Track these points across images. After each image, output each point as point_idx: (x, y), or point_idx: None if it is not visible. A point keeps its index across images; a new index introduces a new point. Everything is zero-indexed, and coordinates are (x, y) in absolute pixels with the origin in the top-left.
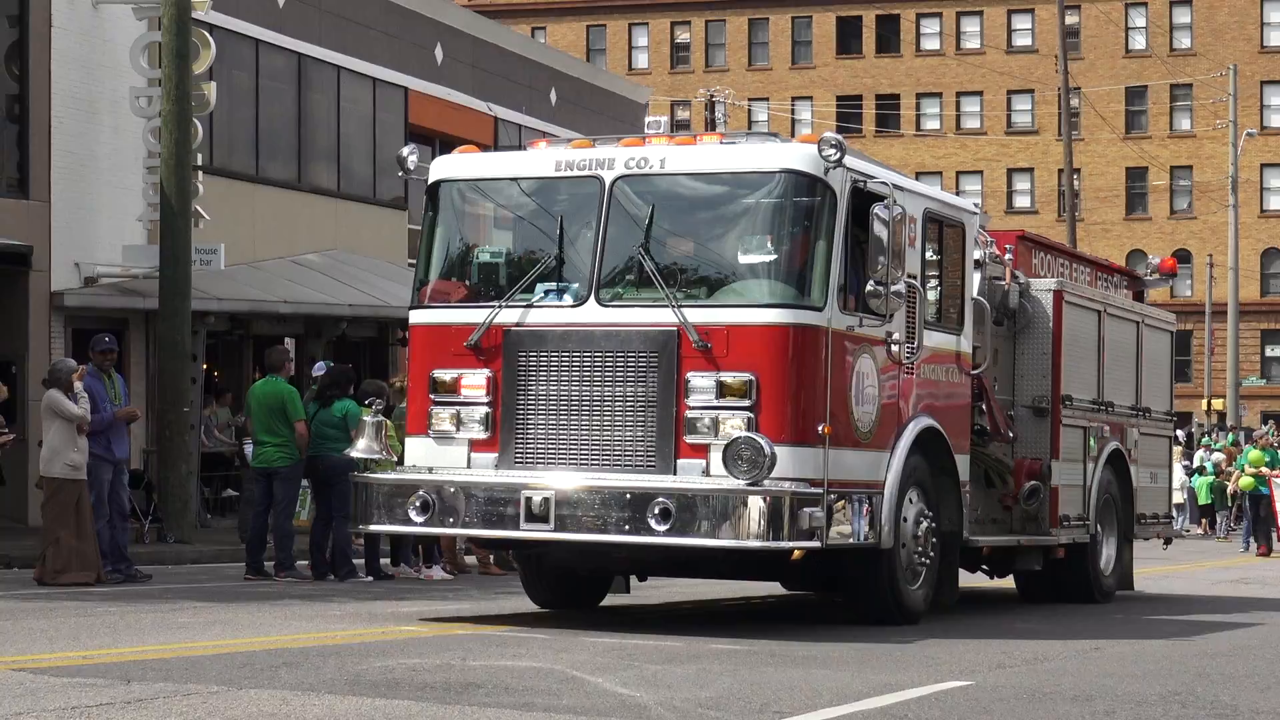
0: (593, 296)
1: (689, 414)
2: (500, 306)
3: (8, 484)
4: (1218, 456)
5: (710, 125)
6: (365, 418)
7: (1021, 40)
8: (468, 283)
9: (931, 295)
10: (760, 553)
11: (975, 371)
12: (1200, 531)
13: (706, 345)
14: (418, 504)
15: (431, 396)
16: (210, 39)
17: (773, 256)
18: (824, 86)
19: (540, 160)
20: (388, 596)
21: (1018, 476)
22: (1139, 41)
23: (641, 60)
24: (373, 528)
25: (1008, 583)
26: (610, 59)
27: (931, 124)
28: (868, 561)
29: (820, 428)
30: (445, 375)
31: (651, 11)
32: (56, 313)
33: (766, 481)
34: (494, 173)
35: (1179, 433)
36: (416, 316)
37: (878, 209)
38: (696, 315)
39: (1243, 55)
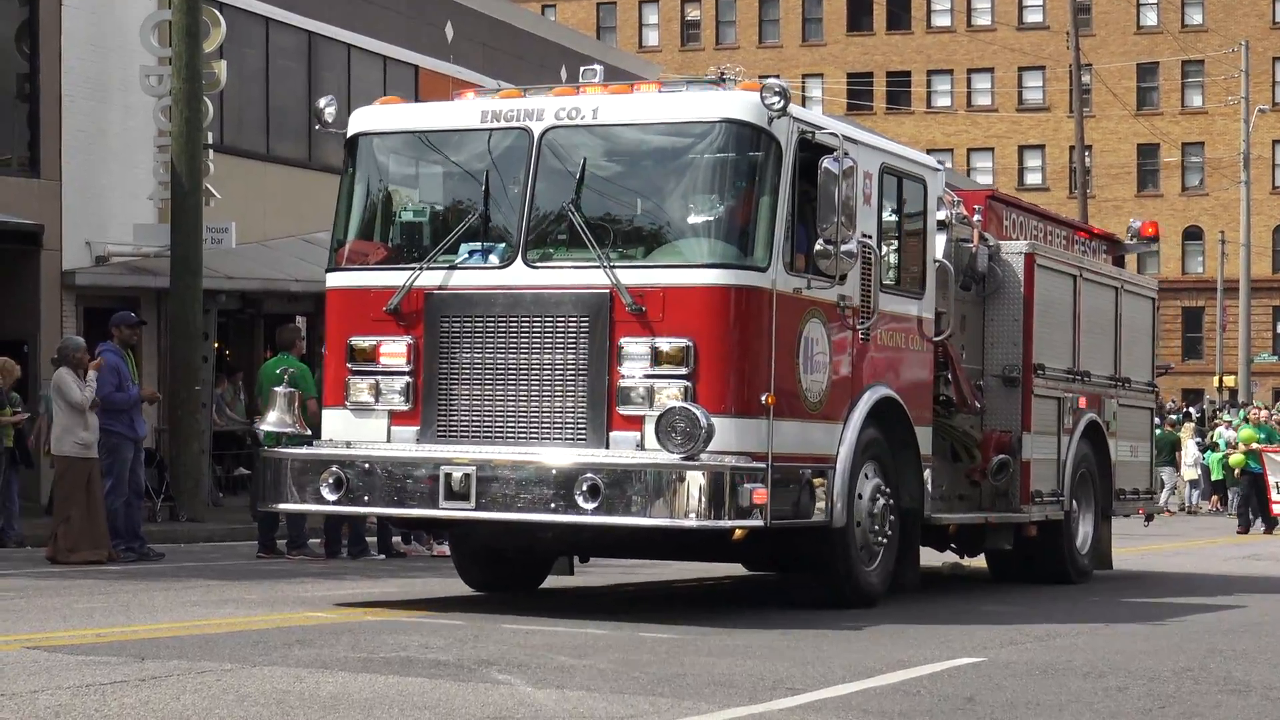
0: (520, 257)
1: (622, 383)
2: (421, 268)
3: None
4: (1234, 434)
5: None
6: (276, 388)
7: (1033, 16)
8: (389, 243)
9: (890, 257)
10: (698, 532)
11: (939, 338)
12: (1210, 508)
13: (641, 309)
14: (330, 481)
15: (349, 365)
16: (220, 17)
17: (712, 213)
18: (835, 64)
19: (465, 111)
20: (363, 574)
21: (986, 450)
22: (1150, 18)
23: (652, 38)
24: (282, 506)
25: (979, 562)
26: (621, 37)
27: (943, 101)
28: (820, 541)
29: (763, 397)
30: (363, 342)
31: None
32: (68, 292)
33: (704, 455)
34: (416, 124)
35: (1191, 409)
36: (333, 279)
37: (827, 161)
38: (630, 276)
39: (1255, 31)
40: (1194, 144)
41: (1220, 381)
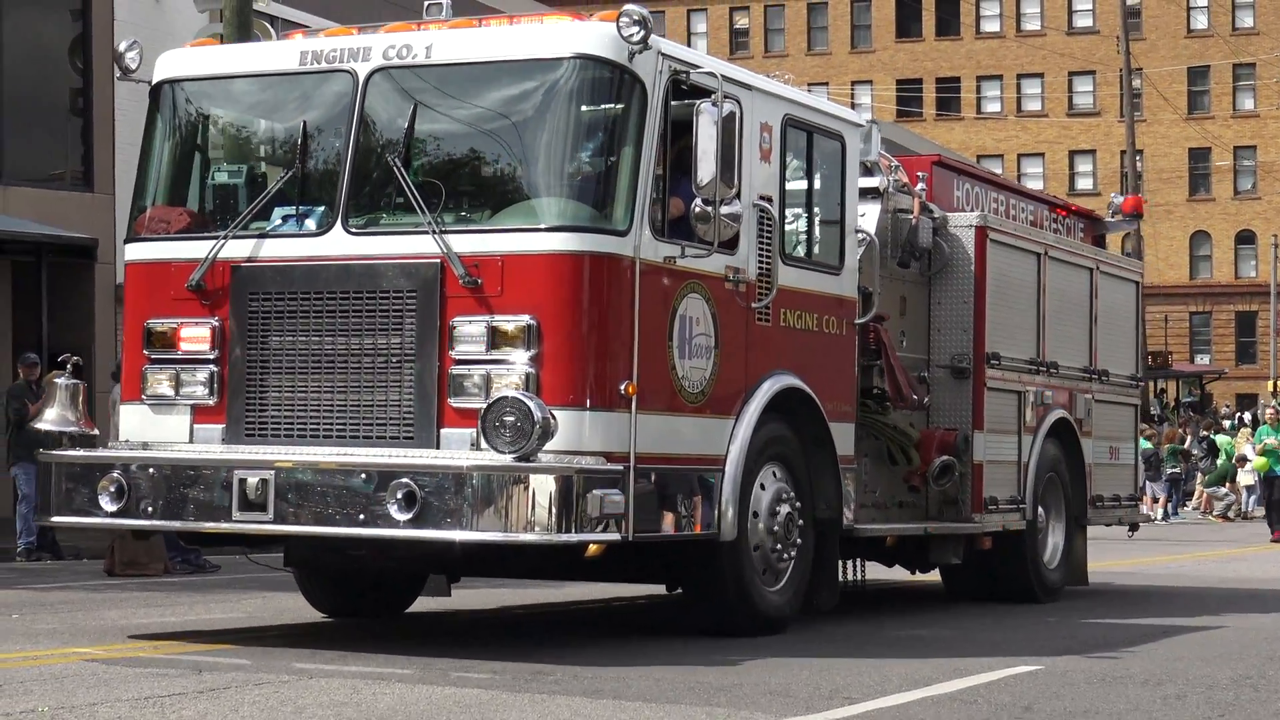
0: (339, 222)
1: (454, 370)
2: (226, 237)
3: None
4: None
5: None
6: (57, 380)
7: (1082, 21)
8: (195, 208)
9: (798, 225)
10: (539, 548)
11: (862, 321)
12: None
13: (476, 281)
14: (111, 489)
15: (146, 353)
16: (271, 30)
17: (560, 167)
18: (884, 70)
19: (284, 53)
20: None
21: (926, 450)
22: (1201, 21)
23: (701, 46)
24: (55, 519)
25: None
26: None
27: (992, 107)
28: (707, 557)
29: (623, 386)
30: (162, 325)
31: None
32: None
33: (545, 455)
34: (228, 69)
35: (1244, 415)
36: (131, 251)
37: (703, 105)
38: (464, 243)
39: None
40: (1246, 147)
41: (1275, 386)
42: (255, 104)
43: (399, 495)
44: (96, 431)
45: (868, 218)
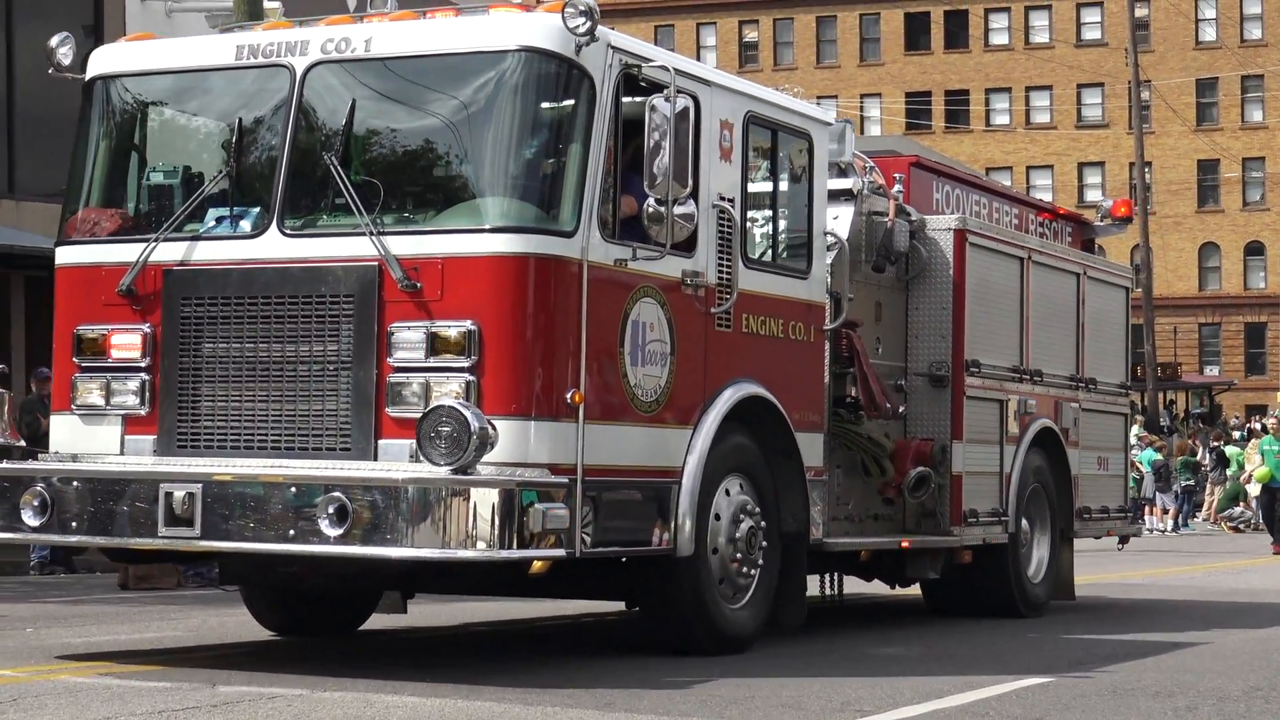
0: (275, 224)
1: (393, 378)
2: (157, 239)
3: None
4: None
5: None
6: None
7: (1091, 34)
8: (128, 209)
9: (763, 227)
10: (478, 565)
11: (831, 327)
12: None
13: (415, 285)
14: (35, 503)
15: (76, 361)
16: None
17: (503, 165)
18: (893, 83)
19: (220, 47)
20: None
21: (901, 461)
22: (1209, 33)
23: (710, 60)
24: None
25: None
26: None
27: (1001, 119)
28: (665, 573)
29: (569, 395)
30: (92, 332)
31: (719, 11)
32: None
33: (484, 468)
34: (162, 64)
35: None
36: (61, 255)
37: (655, 100)
38: (403, 245)
39: None
40: (1255, 159)
41: None
42: (190, 100)
43: (330, 510)
44: (22, 442)
45: (840, 220)
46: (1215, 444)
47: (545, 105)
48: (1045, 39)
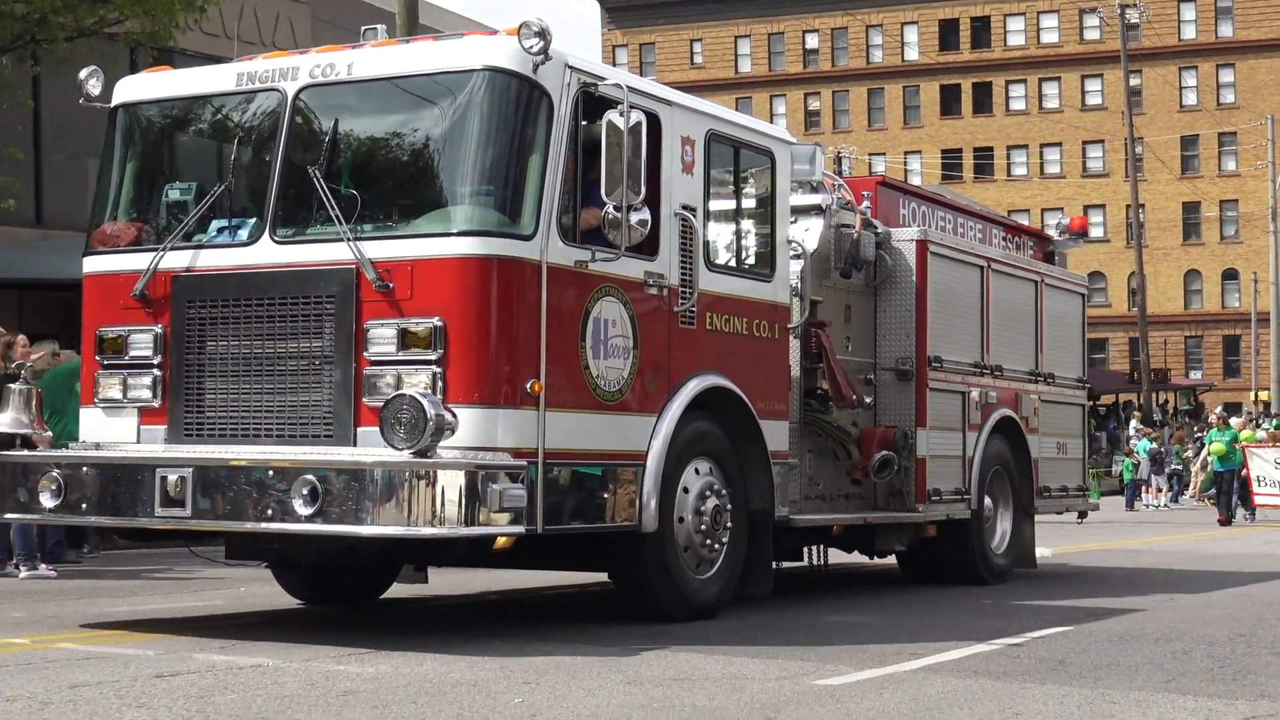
0: (267, 233)
1: (369, 371)
2: (165, 248)
3: None
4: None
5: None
6: (13, 385)
7: (1093, 100)
8: (143, 222)
9: (725, 235)
10: (443, 541)
11: (794, 325)
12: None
13: (388, 286)
14: (52, 487)
15: (98, 359)
16: None
17: (466, 175)
18: (930, 142)
19: (223, 75)
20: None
21: (867, 446)
22: (1191, 98)
23: (781, 124)
24: (7, 515)
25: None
26: None
27: (1019, 170)
28: (632, 548)
29: (529, 384)
30: (111, 333)
31: (788, 85)
32: None
33: (448, 451)
34: (175, 91)
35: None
36: (86, 265)
37: (610, 115)
38: (378, 250)
39: (1278, 107)
40: (1230, 201)
41: (1255, 395)
42: (197, 123)
43: (304, 491)
44: (49, 434)
45: (811, 232)
46: (1199, 435)
47: (506, 119)
48: (1056, 105)
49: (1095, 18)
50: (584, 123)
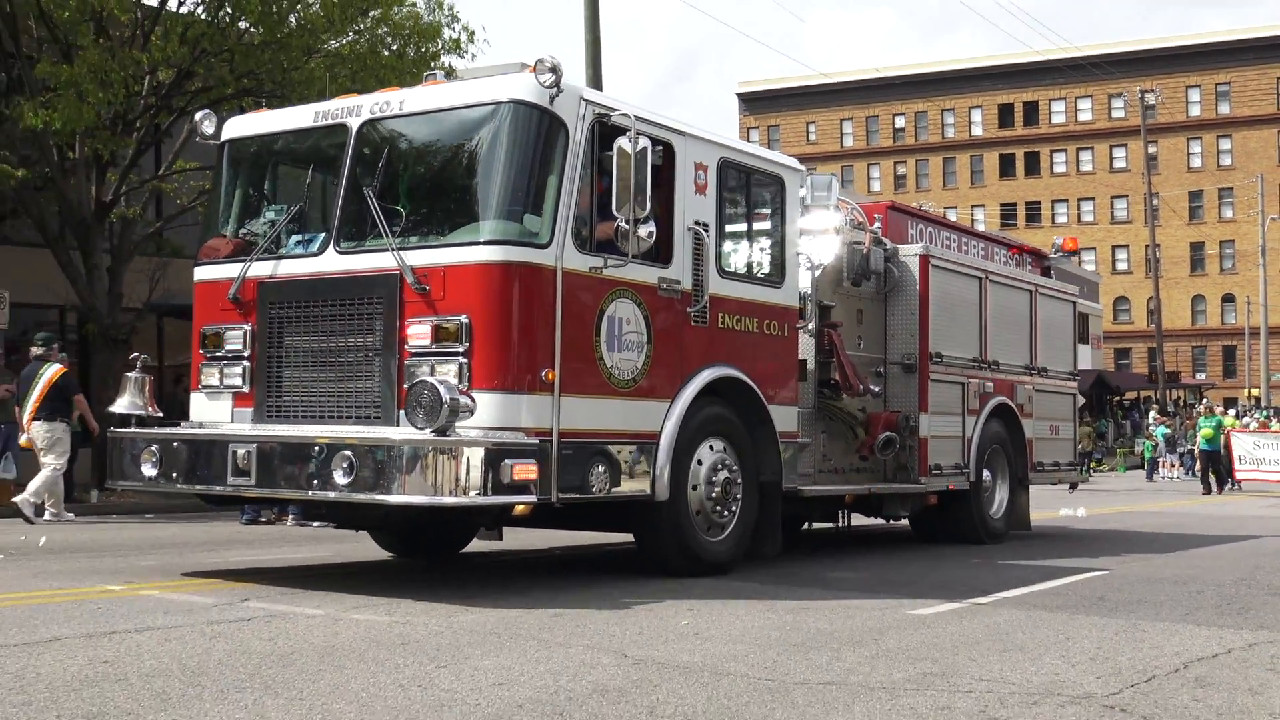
0: (332, 245)
1: (409, 362)
2: (251, 259)
3: None
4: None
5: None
6: (129, 373)
7: (1119, 164)
8: (241, 238)
9: (738, 248)
10: (464, 509)
11: (803, 325)
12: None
13: (425, 288)
14: (152, 460)
15: (201, 352)
16: None
17: (493, 193)
18: (991, 198)
19: (304, 114)
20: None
21: (873, 428)
22: (1197, 161)
23: (875, 188)
24: (120, 483)
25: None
26: (857, 187)
27: (1061, 219)
28: (648, 513)
29: (544, 373)
30: (212, 330)
31: (881, 156)
32: None
33: (468, 431)
34: (268, 128)
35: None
36: (197, 273)
37: (620, 142)
38: (417, 258)
39: (1267, 167)
40: (1227, 241)
41: (1248, 392)
42: (285, 154)
43: (343, 465)
44: (160, 414)
45: (828, 248)
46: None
47: (527, 144)
48: (1090, 168)
49: (1121, 100)
50: (600, 149)
